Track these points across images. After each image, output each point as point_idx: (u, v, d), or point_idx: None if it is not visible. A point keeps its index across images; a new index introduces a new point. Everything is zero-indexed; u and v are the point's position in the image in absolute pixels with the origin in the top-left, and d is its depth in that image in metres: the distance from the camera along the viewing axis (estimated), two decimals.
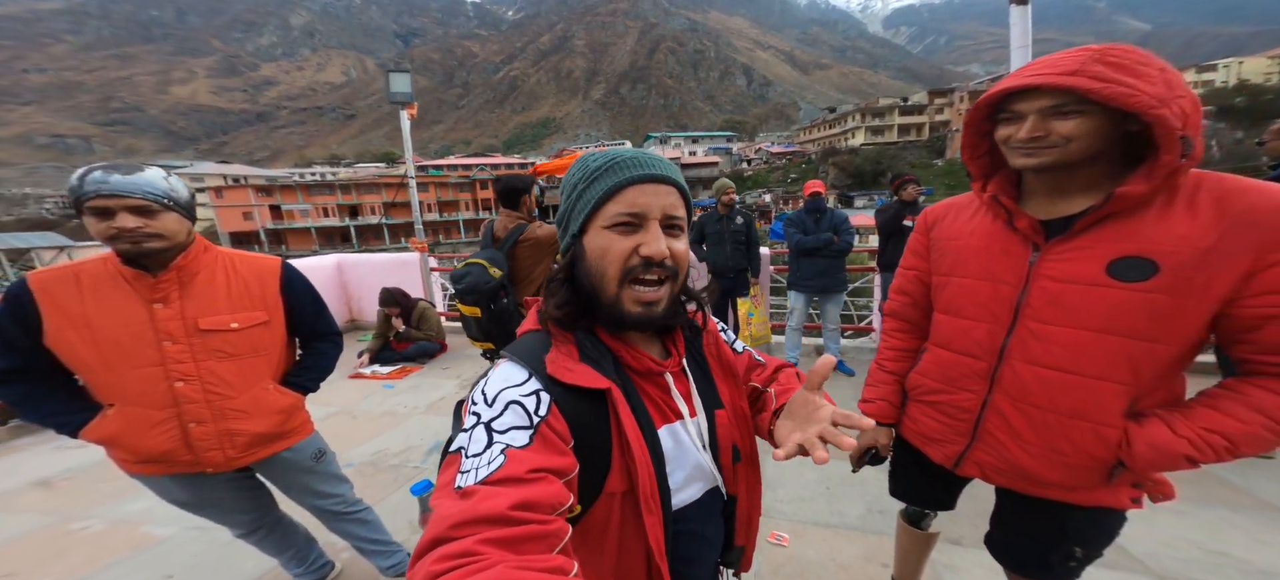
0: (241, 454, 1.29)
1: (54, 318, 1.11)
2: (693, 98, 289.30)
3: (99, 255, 1.18)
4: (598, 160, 0.58)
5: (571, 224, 0.59)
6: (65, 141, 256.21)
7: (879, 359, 1.15)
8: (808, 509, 2.06)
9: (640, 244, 0.56)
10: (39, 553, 1.96)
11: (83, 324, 1.12)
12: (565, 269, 0.61)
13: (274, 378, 1.34)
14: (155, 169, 1.13)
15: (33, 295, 1.10)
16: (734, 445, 0.66)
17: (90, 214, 1.05)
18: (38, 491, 2.42)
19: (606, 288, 0.57)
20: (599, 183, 0.57)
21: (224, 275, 1.27)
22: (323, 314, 1.45)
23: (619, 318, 0.58)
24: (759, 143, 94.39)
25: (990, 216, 0.91)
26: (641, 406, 0.58)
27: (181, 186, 1.17)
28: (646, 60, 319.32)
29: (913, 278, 1.09)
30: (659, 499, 0.56)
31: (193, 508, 1.35)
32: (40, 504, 2.32)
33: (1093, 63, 0.69)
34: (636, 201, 0.56)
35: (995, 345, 0.87)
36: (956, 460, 0.98)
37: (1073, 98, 0.71)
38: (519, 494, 0.43)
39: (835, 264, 3.55)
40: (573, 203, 0.59)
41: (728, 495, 0.66)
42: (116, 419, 1.17)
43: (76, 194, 1.04)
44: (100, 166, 1.06)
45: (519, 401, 0.51)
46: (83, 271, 1.15)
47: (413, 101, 4.42)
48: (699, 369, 0.68)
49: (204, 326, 1.21)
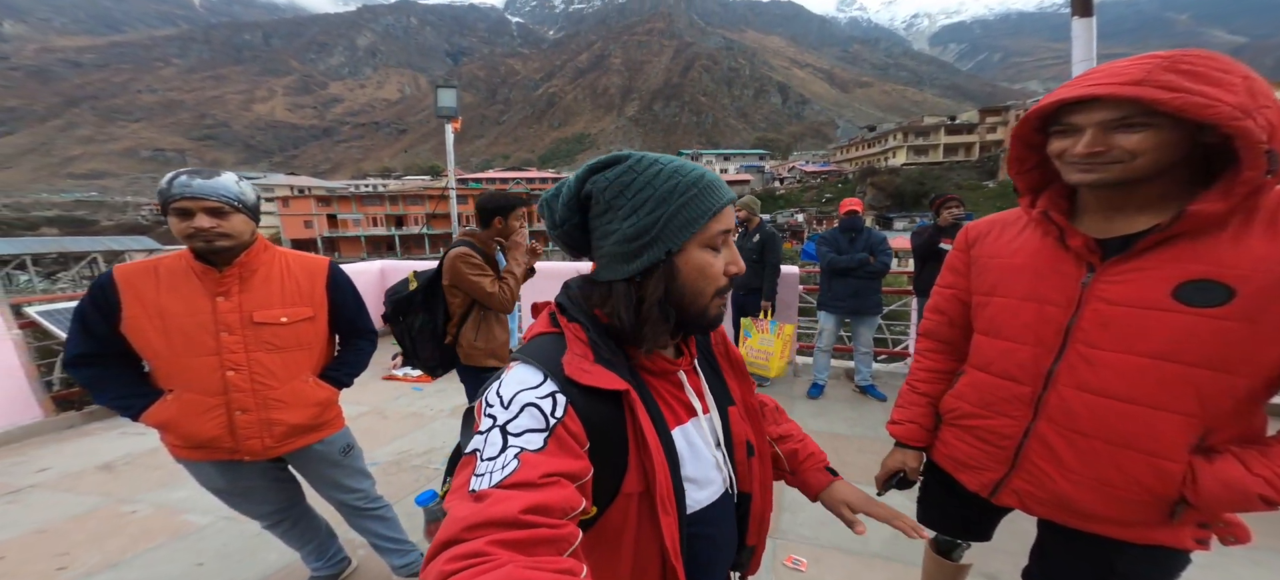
0: (278, 443, 1.36)
1: (132, 306, 1.22)
2: (726, 115, 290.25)
3: (176, 251, 1.29)
4: (686, 176, 0.57)
5: (665, 240, 0.57)
6: (164, 155, 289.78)
7: (911, 380, 1.11)
8: (827, 534, 1.98)
9: (728, 263, 0.60)
10: (92, 532, 2.12)
11: (156, 313, 1.23)
12: (661, 290, 0.57)
13: (314, 371, 1.43)
14: (229, 174, 1.25)
15: (116, 285, 1.22)
16: (748, 440, 0.68)
17: (174, 214, 1.18)
18: (99, 474, 2.63)
19: (700, 302, 0.59)
20: (701, 201, 0.57)
21: (279, 272, 1.36)
22: (363, 313, 1.53)
23: (707, 322, 0.61)
24: (793, 161, 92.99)
25: (1039, 233, 0.86)
26: (655, 407, 0.59)
27: (250, 191, 1.29)
28: (681, 78, 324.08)
29: (950, 296, 1.04)
30: (675, 500, 0.56)
31: (227, 496, 1.44)
32: (100, 486, 2.51)
33: (1161, 71, 0.64)
34: (729, 222, 0.59)
35: (1041, 369, 0.83)
36: (993, 488, 0.93)
37: (1138, 109, 0.65)
38: (531, 498, 0.44)
39: (870, 285, 3.44)
40: (665, 219, 0.56)
41: (741, 492, 0.67)
42: (174, 404, 1.26)
43: (164, 196, 1.17)
44: (184, 172, 1.19)
45: (535, 404, 0.51)
46: (161, 265, 1.28)
47: (457, 116, 4.71)
48: (709, 367, 0.70)
49: (257, 319, 1.30)
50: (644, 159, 0.58)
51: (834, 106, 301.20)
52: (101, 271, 1.34)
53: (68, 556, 1.94)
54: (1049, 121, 0.78)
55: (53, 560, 1.92)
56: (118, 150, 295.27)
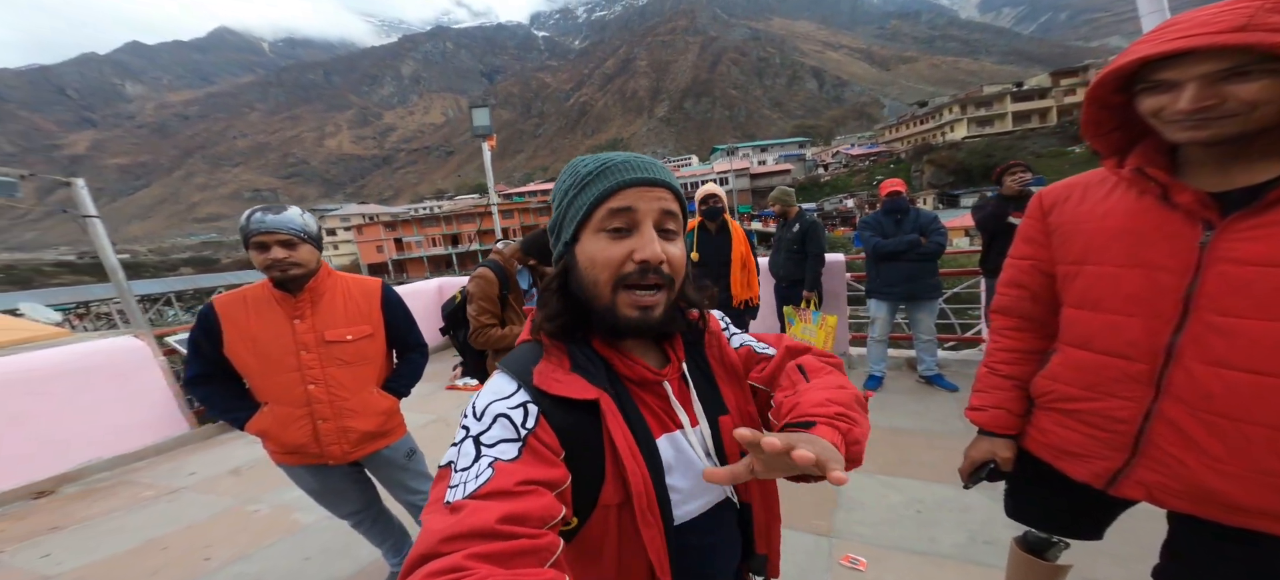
0: (354, 448, 1.52)
1: (230, 332, 1.40)
2: (759, 106, 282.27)
3: (259, 282, 1.45)
4: (588, 165, 0.56)
5: (563, 231, 0.58)
6: (262, 194, 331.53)
7: (989, 362, 1.00)
8: (891, 533, 1.87)
9: (634, 249, 0.54)
10: (227, 528, 2.44)
11: (248, 336, 1.41)
12: (558, 279, 0.59)
13: (377, 383, 1.58)
14: (294, 208, 1.42)
15: (217, 314, 1.41)
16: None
17: (253, 248, 1.34)
18: (231, 478, 3.02)
19: (600, 294, 0.55)
20: (591, 187, 0.55)
21: (342, 295, 1.52)
22: (413, 329, 1.67)
23: (614, 324, 0.56)
24: (836, 146, 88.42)
25: (1134, 193, 0.77)
26: (638, 415, 0.56)
27: (313, 222, 1.45)
28: (709, 73, 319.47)
29: (1028, 267, 0.94)
30: (657, 511, 0.54)
31: (319, 496, 1.61)
32: (231, 488, 2.88)
33: (1269, 12, 0.57)
34: (629, 203, 0.54)
35: (1158, 344, 0.74)
36: (1111, 478, 0.83)
37: (1250, 56, 0.59)
38: (507, 507, 0.42)
39: (925, 268, 3.21)
40: (564, 210, 0.57)
41: (741, 503, 0.64)
42: (269, 415, 1.44)
43: (245, 232, 1.34)
44: (258, 209, 1.36)
45: (506, 414, 0.50)
46: (248, 295, 1.45)
47: (492, 133, 4.97)
48: (701, 374, 0.66)
49: (328, 338, 1.46)
50: (575, 159, 0.59)
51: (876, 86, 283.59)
52: None
53: (211, 549, 2.26)
54: (1132, 79, 0.70)
55: (201, 551, 2.26)
56: (226, 193, 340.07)
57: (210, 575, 2.08)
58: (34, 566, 2.26)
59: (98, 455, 3.29)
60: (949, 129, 61.27)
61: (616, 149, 33.52)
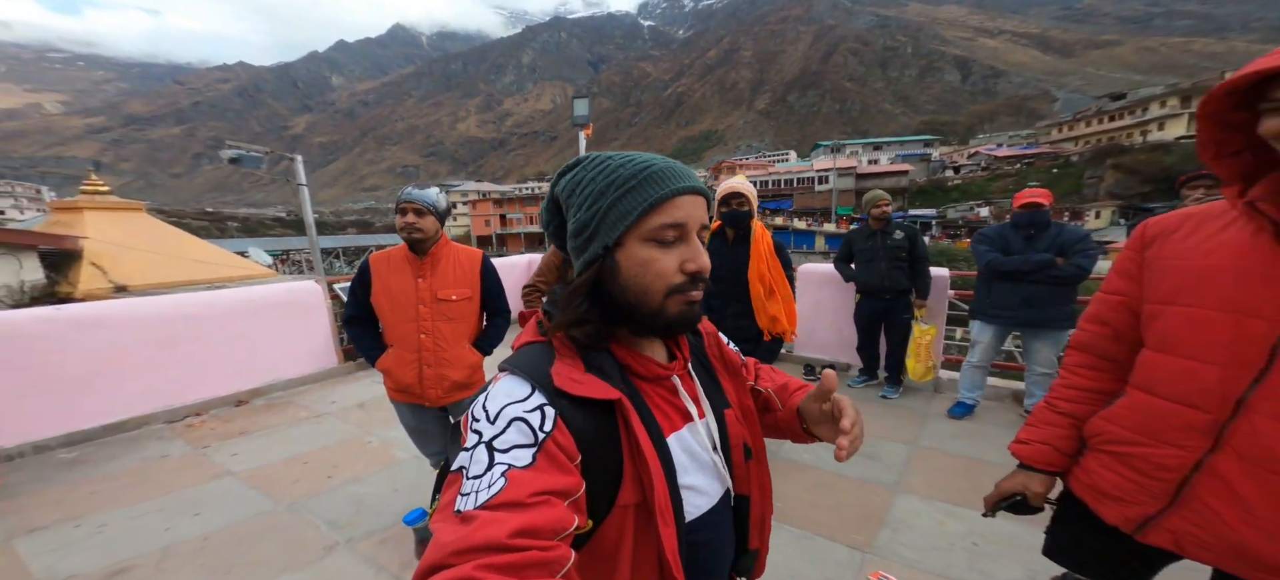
0: (445, 395, 1.82)
1: (376, 284, 1.75)
2: (878, 100, 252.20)
3: (399, 245, 1.80)
4: (627, 167, 0.55)
5: (602, 234, 0.55)
6: (409, 170, 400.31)
7: (1051, 398, 0.97)
8: (940, 560, 1.76)
9: (686, 260, 0.55)
10: (347, 455, 2.87)
11: (386, 289, 1.74)
12: (588, 284, 0.56)
13: (469, 340, 1.88)
14: (435, 188, 1.75)
15: (370, 268, 1.77)
16: (744, 443, 0.66)
17: (398, 212, 1.69)
18: (358, 410, 3.55)
19: (649, 302, 0.55)
20: (639, 192, 0.54)
21: (452, 261, 1.80)
22: (502, 296, 1.96)
23: (665, 323, 0.56)
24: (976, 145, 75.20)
25: (1249, 231, 0.71)
26: (650, 415, 0.57)
27: (443, 200, 1.79)
28: (821, 64, 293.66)
29: (1117, 304, 0.89)
30: (673, 509, 0.55)
31: (414, 433, 1.96)
32: (357, 419, 3.38)
33: None
34: (682, 214, 0.55)
35: (1230, 394, 0.69)
36: (1140, 524, 0.80)
37: None
38: (520, 520, 0.42)
39: (1055, 294, 2.74)
40: (604, 211, 0.55)
41: (739, 495, 0.65)
42: (392, 356, 1.76)
43: (398, 200, 1.71)
44: (413, 185, 1.73)
45: (522, 418, 0.49)
46: (392, 255, 1.80)
47: (588, 123, 5.32)
48: (704, 371, 0.68)
49: (440, 296, 1.74)
50: (598, 157, 0.57)
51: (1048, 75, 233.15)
52: None
53: (335, 468, 2.73)
54: (1256, 97, 0.63)
55: (326, 469, 2.72)
56: (385, 168, 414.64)
57: (327, 492, 2.46)
58: (225, 462, 2.82)
59: (279, 376, 4.06)
60: (1157, 126, 47.73)
61: (709, 140, 31.59)
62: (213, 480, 2.65)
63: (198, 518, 2.28)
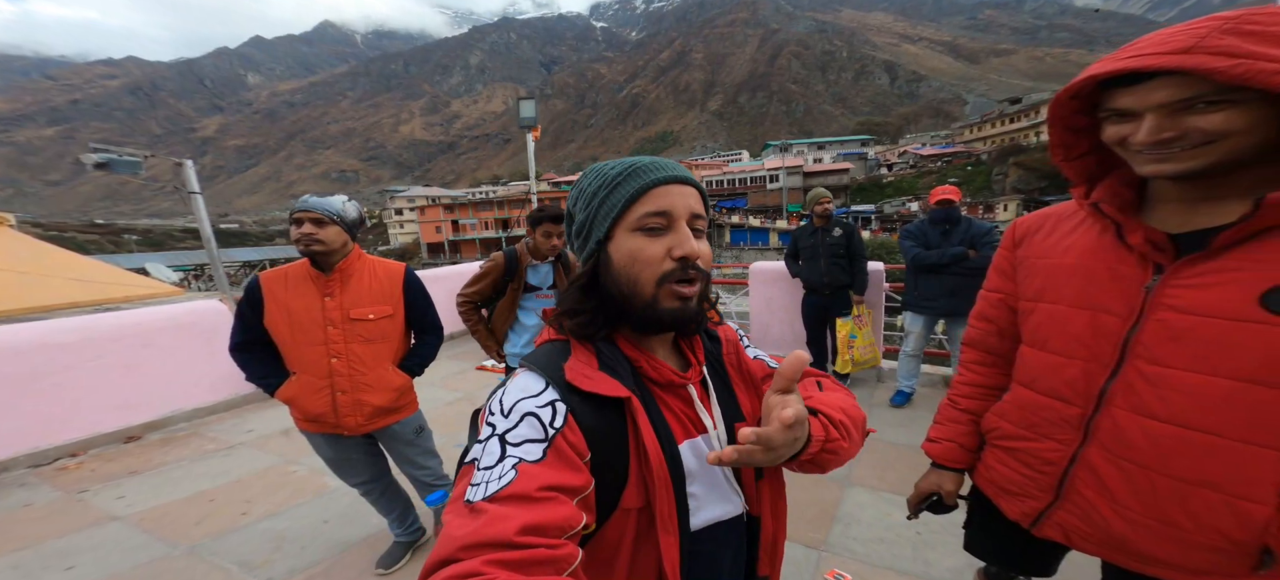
0: (367, 421, 1.64)
1: (270, 304, 1.55)
2: (820, 101, 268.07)
3: (301, 261, 1.60)
4: (616, 167, 0.58)
5: (594, 231, 0.58)
6: (345, 175, 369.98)
7: (952, 395, 1.00)
8: (885, 552, 1.81)
9: (672, 246, 0.55)
10: (268, 485, 2.60)
11: (285, 309, 1.55)
12: (587, 278, 0.59)
13: (393, 361, 1.70)
14: (339, 196, 1.57)
15: (261, 288, 1.56)
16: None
17: (293, 223, 1.52)
18: (280, 438, 3.21)
19: (641, 291, 0.56)
20: (623, 186, 0.56)
21: (369, 277, 1.63)
22: (430, 312, 1.79)
23: (656, 317, 0.56)
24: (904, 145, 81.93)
25: (1095, 229, 0.75)
26: (662, 419, 0.57)
27: (352, 208, 1.60)
28: (768, 67, 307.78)
29: (997, 301, 0.93)
30: (676, 518, 0.53)
31: (334, 464, 1.76)
32: (279, 448, 3.07)
33: (1218, 34, 0.53)
34: (666, 202, 0.55)
35: (1093, 388, 0.73)
36: (1035, 519, 0.83)
37: (1211, 86, 0.54)
38: (528, 516, 0.42)
39: (972, 283, 2.94)
40: (595, 210, 0.58)
41: (750, 515, 0.63)
42: (296, 384, 1.57)
43: (291, 211, 1.54)
44: (312, 195, 1.54)
45: (535, 413, 0.50)
46: (290, 272, 1.58)
47: (537, 125, 5.18)
48: (720, 381, 0.67)
49: (353, 316, 1.57)
50: (597, 165, 0.60)
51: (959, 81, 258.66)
52: None
53: (250, 504, 2.45)
54: (1096, 103, 0.66)
55: (240, 506, 2.43)
56: (318, 173, 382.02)
57: (241, 529, 2.23)
58: (109, 506, 2.47)
59: (180, 406, 3.62)
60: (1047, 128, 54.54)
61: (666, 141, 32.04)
62: (92, 526, 2.31)
63: (71, 571, 1.97)
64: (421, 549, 2.02)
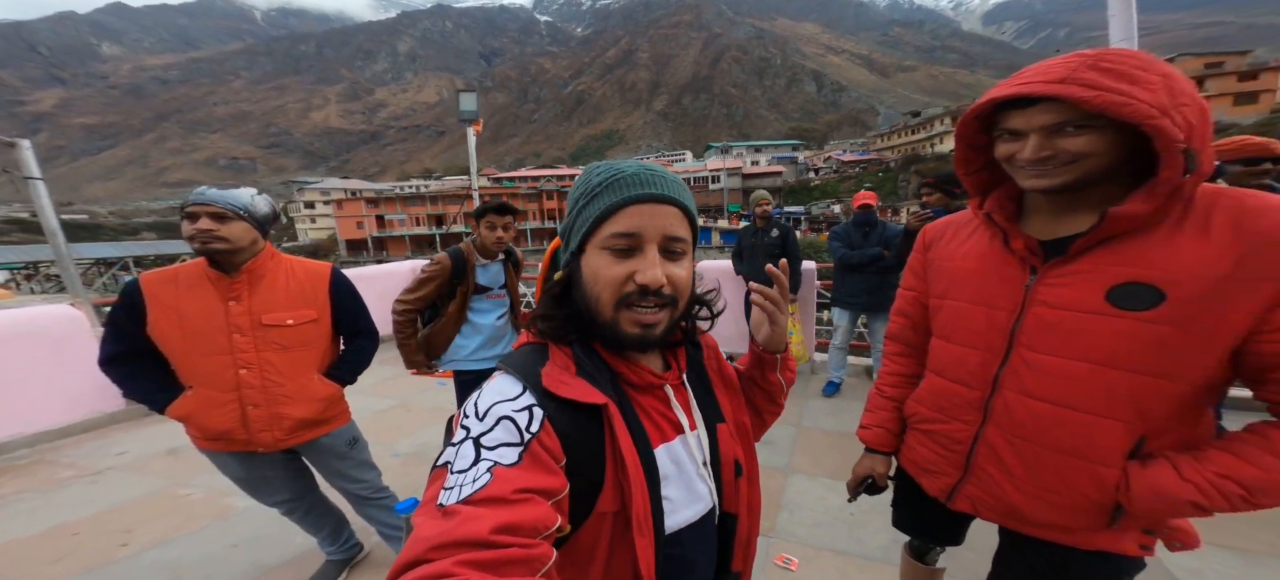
0: (287, 436, 1.47)
1: (155, 310, 1.34)
2: (757, 106, 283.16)
3: (196, 261, 1.40)
4: (600, 174, 0.56)
5: (571, 240, 0.58)
6: (238, 163, 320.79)
7: (879, 384, 1.11)
8: (824, 534, 1.95)
9: (635, 271, 0.54)
10: (152, 512, 2.30)
11: (175, 315, 1.34)
12: (561, 285, 0.59)
13: (319, 369, 1.53)
14: (247, 189, 1.38)
15: (141, 291, 1.35)
16: (736, 460, 0.65)
17: (185, 218, 1.31)
18: (166, 458, 2.85)
19: (602, 311, 0.55)
20: (598, 200, 0.55)
21: (285, 278, 1.47)
22: (363, 315, 1.63)
23: (616, 339, 0.56)
24: (829, 151, 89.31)
25: (987, 236, 0.86)
26: (638, 424, 0.56)
27: (263, 205, 1.41)
28: (710, 70, 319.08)
29: (912, 299, 1.05)
30: (652, 521, 0.53)
31: (246, 484, 1.55)
32: (164, 469, 2.72)
33: (1084, 69, 0.63)
34: (634, 223, 0.54)
35: (988, 374, 0.83)
36: (949, 493, 0.93)
37: (1078, 113, 0.64)
38: (502, 516, 0.41)
39: (886, 281, 3.30)
40: (573, 219, 0.58)
41: (727, 513, 0.64)
42: (193, 399, 1.37)
43: (183, 204, 1.32)
44: (211, 186, 1.34)
45: (510, 417, 0.50)
46: (181, 273, 1.39)
47: (478, 119, 4.91)
48: (700, 383, 0.67)
49: (266, 322, 1.41)
50: (594, 165, 0.59)
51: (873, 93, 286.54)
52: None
53: (129, 534, 2.14)
54: (991, 123, 0.77)
55: (116, 537, 2.12)
56: (200, 160, 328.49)
57: (121, 563, 1.93)
58: None
59: (20, 431, 3.08)
60: (939, 140, 62.37)
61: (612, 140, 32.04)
62: None
63: None
64: (358, 567, 1.85)
